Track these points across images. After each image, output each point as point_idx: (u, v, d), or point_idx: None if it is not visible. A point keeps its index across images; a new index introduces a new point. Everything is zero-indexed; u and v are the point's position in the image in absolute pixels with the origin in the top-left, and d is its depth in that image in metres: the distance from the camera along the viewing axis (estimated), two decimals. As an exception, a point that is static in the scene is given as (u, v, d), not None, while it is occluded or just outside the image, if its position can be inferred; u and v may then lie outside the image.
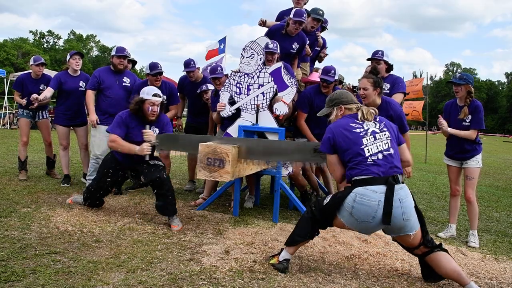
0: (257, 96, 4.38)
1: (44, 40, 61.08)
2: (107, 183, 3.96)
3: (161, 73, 4.88)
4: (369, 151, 2.67)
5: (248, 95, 4.42)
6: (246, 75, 4.44)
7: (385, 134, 2.77)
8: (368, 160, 2.65)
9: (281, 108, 4.28)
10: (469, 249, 3.68)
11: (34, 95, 4.94)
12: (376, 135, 2.74)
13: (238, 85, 4.47)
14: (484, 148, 4.15)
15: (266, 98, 4.35)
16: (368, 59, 4.51)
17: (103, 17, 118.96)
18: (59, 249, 2.94)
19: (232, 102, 4.51)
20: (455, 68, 75.93)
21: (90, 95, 4.89)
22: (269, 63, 4.42)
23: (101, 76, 4.91)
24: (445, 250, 2.80)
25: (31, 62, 5.47)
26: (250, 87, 4.41)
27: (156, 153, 3.76)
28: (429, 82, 12.91)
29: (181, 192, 5.34)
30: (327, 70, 4.42)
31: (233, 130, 4.45)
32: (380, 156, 2.67)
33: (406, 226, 2.63)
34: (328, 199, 2.80)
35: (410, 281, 2.84)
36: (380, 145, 2.71)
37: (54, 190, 4.84)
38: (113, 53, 4.98)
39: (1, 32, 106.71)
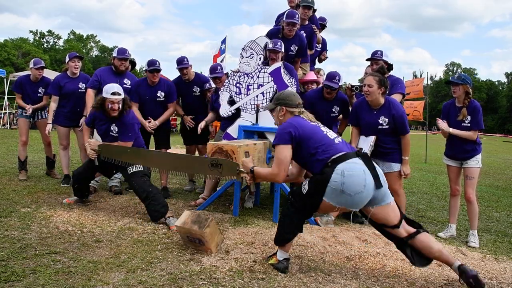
0: (257, 96, 4.38)
1: (44, 40, 61.14)
2: (92, 166, 4.11)
3: (157, 70, 4.89)
4: (331, 135, 2.82)
5: (247, 95, 4.42)
6: (245, 75, 4.44)
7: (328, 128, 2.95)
8: (335, 141, 2.78)
9: (281, 108, 4.28)
10: (469, 249, 3.68)
11: (31, 108, 5.38)
12: (327, 129, 2.91)
13: (237, 85, 4.48)
14: (484, 148, 4.16)
15: (266, 98, 4.35)
16: (367, 60, 4.51)
17: (103, 17, 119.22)
18: (59, 249, 2.94)
19: (231, 102, 4.51)
20: (455, 68, 75.88)
21: (90, 94, 4.88)
22: (272, 62, 4.41)
23: (102, 76, 4.90)
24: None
25: (31, 65, 5.48)
26: (250, 87, 4.41)
27: (102, 157, 3.95)
28: (429, 82, 12.92)
29: (181, 192, 5.34)
30: (332, 76, 4.36)
31: (233, 130, 4.45)
32: (340, 139, 2.85)
33: (386, 191, 2.73)
34: (306, 186, 2.74)
35: (410, 281, 2.84)
36: (333, 134, 2.88)
37: (54, 190, 4.84)
38: (114, 54, 4.97)
39: (1, 32, 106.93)
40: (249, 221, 4.03)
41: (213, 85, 5.13)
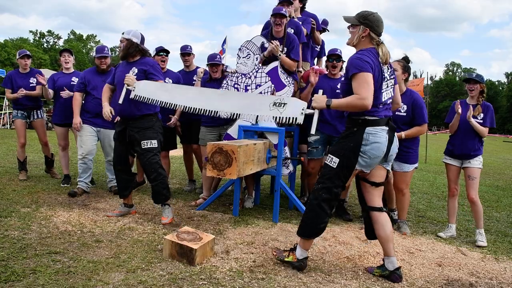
0: (257, 96, 4.38)
1: (44, 40, 61.08)
2: (122, 147, 3.92)
3: (165, 50, 4.92)
4: (384, 97, 2.76)
5: (247, 95, 4.42)
6: (243, 76, 4.44)
7: (391, 82, 2.83)
8: (381, 105, 2.74)
9: (281, 108, 4.28)
10: (469, 249, 3.68)
11: (22, 91, 5.22)
12: (388, 82, 2.81)
13: (236, 85, 4.48)
14: (484, 148, 4.16)
15: (266, 98, 4.35)
16: None
17: (103, 18, 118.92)
18: (59, 249, 2.94)
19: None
20: (455, 68, 75.95)
21: (76, 98, 4.80)
22: (277, 27, 4.41)
23: (87, 77, 4.83)
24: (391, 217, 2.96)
25: (17, 57, 5.53)
26: (248, 87, 4.42)
27: (132, 95, 3.72)
28: (429, 82, 12.92)
29: (181, 192, 5.34)
30: (334, 49, 4.45)
31: (233, 131, 4.45)
32: (388, 102, 2.81)
33: (391, 160, 2.88)
34: (335, 159, 2.71)
35: (410, 281, 2.84)
36: (388, 92, 2.80)
37: (54, 190, 4.84)
38: (94, 54, 4.91)
39: (1, 32, 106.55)
40: (249, 221, 4.02)
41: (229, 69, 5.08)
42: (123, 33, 3.91)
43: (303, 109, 3.04)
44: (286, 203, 4.78)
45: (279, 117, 3.24)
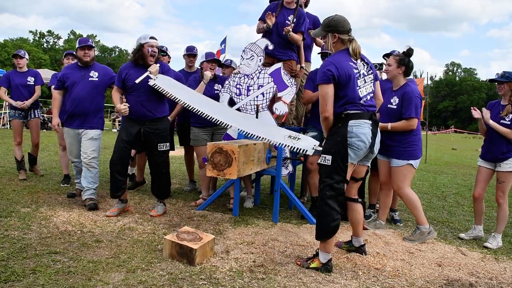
0: (257, 96, 4.38)
1: (44, 40, 61.07)
2: (126, 146, 3.93)
3: (162, 50, 4.83)
4: (361, 93, 2.88)
5: (248, 96, 4.42)
6: (245, 76, 4.45)
7: (370, 77, 2.97)
8: (361, 100, 2.88)
9: (281, 108, 4.29)
10: (469, 249, 3.68)
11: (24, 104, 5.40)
12: (366, 77, 2.93)
13: (238, 86, 4.48)
14: (484, 148, 4.11)
15: (266, 99, 4.36)
16: (384, 55, 4.59)
17: (103, 18, 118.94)
18: (59, 249, 2.94)
19: (232, 103, 4.51)
20: (455, 68, 75.94)
21: (55, 97, 4.53)
22: (288, 4, 4.47)
23: (66, 73, 4.44)
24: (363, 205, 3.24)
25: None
26: (250, 88, 4.42)
27: (151, 82, 3.82)
28: (429, 82, 12.93)
29: (181, 192, 5.34)
30: None
31: (233, 131, 4.45)
32: (368, 97, 2.93)
33: (372, 157, 3.05)
34: (328, 157, 2.83)
35: (410, 281, 2.84)
36: (367, 88, 2.94)
37: (54, 190, 4.84)
38: (76, 46, 4.53)
39: (1, 32, 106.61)
40: (249, 221, 4.02)
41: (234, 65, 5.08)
42: (155, 38, 3.95)
43: (314, 145, 3.31)
44: (286, 203, 4.78)
45: (291, 146, 3.46)
